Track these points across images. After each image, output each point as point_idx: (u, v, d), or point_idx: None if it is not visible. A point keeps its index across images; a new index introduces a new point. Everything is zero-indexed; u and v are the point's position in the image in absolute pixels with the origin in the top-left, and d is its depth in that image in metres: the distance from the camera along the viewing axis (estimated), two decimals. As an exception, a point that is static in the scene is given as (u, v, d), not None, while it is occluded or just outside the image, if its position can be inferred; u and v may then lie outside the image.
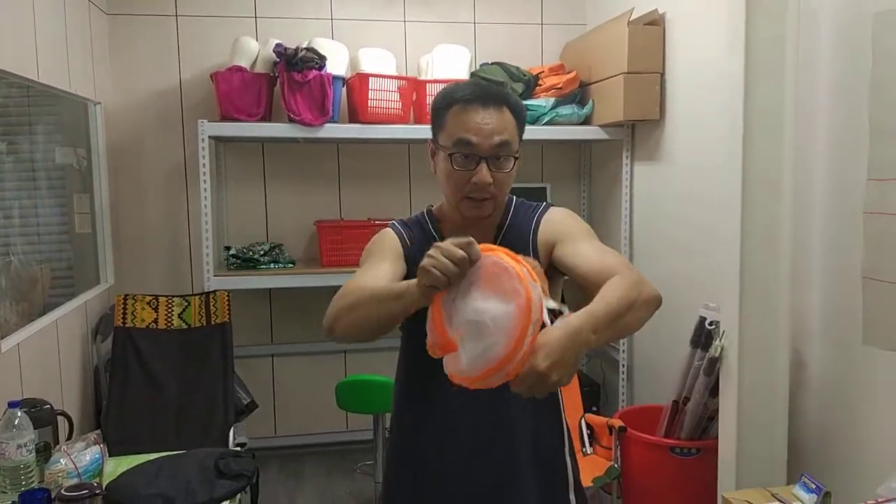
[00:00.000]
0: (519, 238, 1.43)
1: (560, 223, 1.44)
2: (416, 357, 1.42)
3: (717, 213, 2.57)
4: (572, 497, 1.47)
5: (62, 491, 1.48)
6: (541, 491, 1.43)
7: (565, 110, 3.57)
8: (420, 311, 1.16)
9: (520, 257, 1.10)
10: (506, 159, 1.37)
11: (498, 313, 1.04)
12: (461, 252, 1.08)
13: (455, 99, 1.38)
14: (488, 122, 1.35)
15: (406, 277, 1.38)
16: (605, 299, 1.15)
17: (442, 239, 1.43)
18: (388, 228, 1.51)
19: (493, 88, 1.42)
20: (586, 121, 3.62)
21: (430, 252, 1.10)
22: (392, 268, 1.37)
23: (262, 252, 3.50)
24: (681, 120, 3.16)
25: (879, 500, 1.60)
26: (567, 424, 1.51)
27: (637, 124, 3.51)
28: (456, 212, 1.45)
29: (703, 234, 2.95)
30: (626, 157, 3.58)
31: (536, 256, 1.40)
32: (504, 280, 1.06)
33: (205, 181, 3.27)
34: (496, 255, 1.09)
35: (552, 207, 1.50)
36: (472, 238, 1.10)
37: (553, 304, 1.09)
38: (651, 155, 3.41)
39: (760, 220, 2.15)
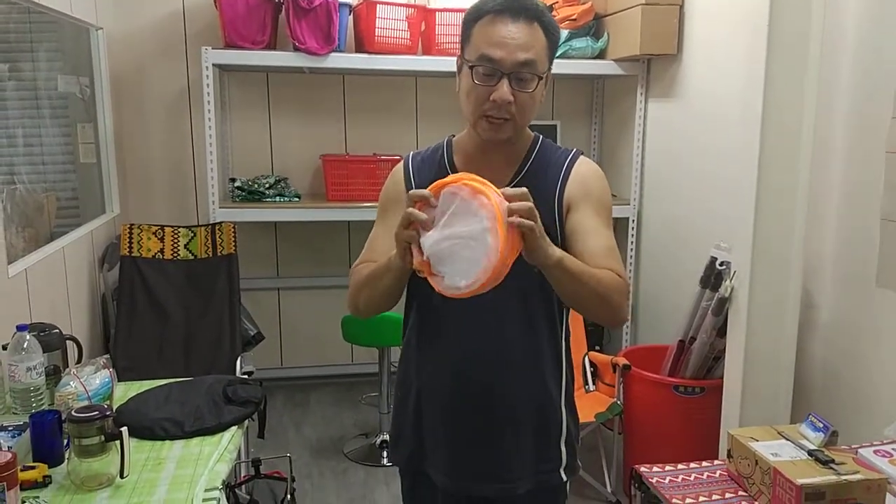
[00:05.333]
0: (544, 183, 1.36)
1: (589, 185, 1.38)
2: (418, 296, 1.44)
3: (733, 153, 2.52)
4: (563, 449, 1.45)
5: (72, 412, 1.49)
6: (535, 437, 1.42)
7: (579, 43, 3.47)
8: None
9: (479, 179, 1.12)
10: (530, 79, 1.29)
11: (471, 230, 1.09)
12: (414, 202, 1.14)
13: (485, 10, 1.30)
14: (515, 36, 1.27)
15: None
16: (595, 271, 1.24)
17: (454, 169, 1.40)
18: (399, 165, 1.49)
19: (527, 2, 1.31)
20: (600, 55, 3.53)
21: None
22: (390, 232, 1.32)
23: (267, 185, 3.47)
24: (699, 55, 3.06)
25: (886, 440, 1.60)
26: (569, 375, 1.48)
27: (653, 59, 3.41)
28: (472, 140, 1.40)
29: (718, 173, 2.90)
30: (641, 93, 3.50)
31: (560, 207, 1.35)
32: (468, 201, 1.10)
33: (209, 111, 3.21)
34: (455, 185, 1.12)
35: (582, 156, 1.43)
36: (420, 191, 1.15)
37: None
38: (666, 92, 3.33)
39: (778, 161, 2.10)
